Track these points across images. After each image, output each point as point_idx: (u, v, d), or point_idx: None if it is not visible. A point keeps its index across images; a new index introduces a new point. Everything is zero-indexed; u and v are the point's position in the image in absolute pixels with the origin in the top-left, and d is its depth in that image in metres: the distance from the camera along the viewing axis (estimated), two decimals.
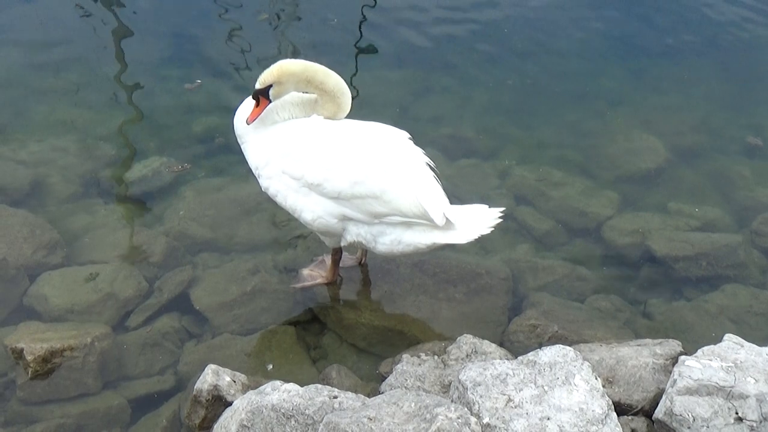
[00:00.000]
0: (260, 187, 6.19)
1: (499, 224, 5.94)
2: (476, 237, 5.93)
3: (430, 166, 6.13)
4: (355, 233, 6.08)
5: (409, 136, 6.20)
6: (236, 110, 6.18)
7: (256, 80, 5.92)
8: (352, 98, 6.11)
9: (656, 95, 9.02)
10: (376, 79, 8.89)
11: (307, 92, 6.09)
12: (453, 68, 9.21)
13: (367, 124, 6.20)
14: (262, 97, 5.97)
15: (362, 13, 9.95)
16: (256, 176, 6.19)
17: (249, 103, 6.06)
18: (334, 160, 5.90)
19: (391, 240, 6.01)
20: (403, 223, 5.94)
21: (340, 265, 6.64)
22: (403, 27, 9.73)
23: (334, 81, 6.04)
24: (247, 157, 6.23)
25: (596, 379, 5.03)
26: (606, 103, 8.87)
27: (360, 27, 9.76)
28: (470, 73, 9.16)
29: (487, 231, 5.94)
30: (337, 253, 6.50)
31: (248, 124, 6.03)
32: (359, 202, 5.91)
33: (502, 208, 6.01)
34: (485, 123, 8.47)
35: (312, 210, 6.00)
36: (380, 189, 5.84)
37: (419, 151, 6.16)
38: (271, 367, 6.02)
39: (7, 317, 6.41)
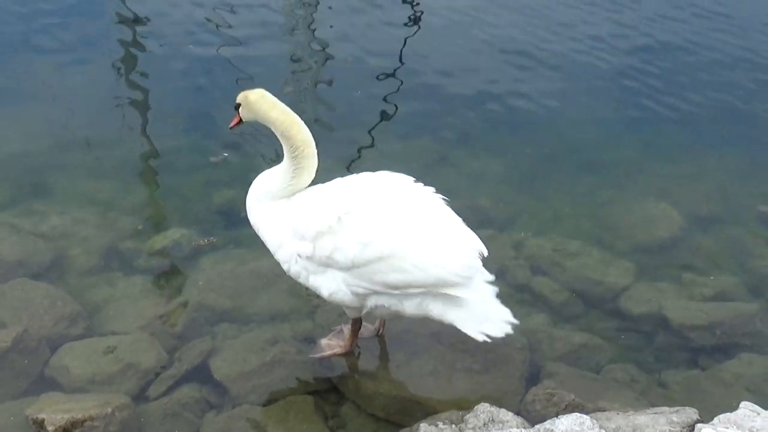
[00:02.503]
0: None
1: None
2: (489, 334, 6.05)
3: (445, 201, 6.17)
4: (374, 302, 6.11)
5: (414, 179, 6.23)
6: (246, 198, 6.34)
7: (279, 152, 6.13)
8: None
9: (670, 164, 9.11)
10: (393, 149, 9.03)
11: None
12: (468, 139, 9.34)
13: (366, 178, 6.23)
14: (237, 111, 6.29)
15: (384, 88, 10.11)
16: (276, 260, 6.30)
17: (255, 187, 6.28)
18: (339, 229, 5.89)
19: (415, 304, 6.02)
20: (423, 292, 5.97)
21: (359, 336, 6.71)
22: (419, 100, 9.89)
23: (303, 136, 6.03)
24: (265, 243, 6.35)
25: None
26: (621, 172, 8.97)
27: (380, 100, 9.92)
28: (485, 143, 9.28)
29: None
30: (357, 323, 6.56)
31: (230, 129, 6.44)
32: (371, 271, 5.91)
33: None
34: (501, 193, 8.55)
35: (328, 287, 6.06)
36: (390, 249, 5.83)
37: (429, 191, 6.19)
38: None
39: (28, 388, 6.49)
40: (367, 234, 5.86)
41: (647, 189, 8.70)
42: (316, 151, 6.10)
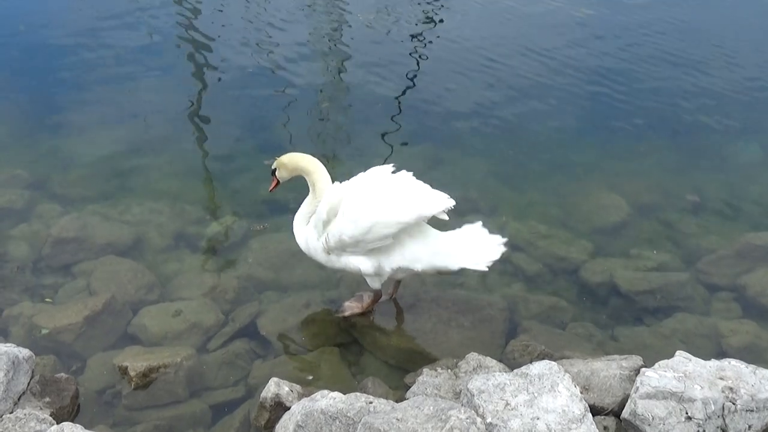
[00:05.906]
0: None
1: (499, 267, 5.94)
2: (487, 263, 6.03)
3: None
4: (397, 261, 6.14)
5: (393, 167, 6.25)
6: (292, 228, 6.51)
7: (309, 161, 6.30)
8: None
9: (620, 163, 9.02)
10: (400, 152, 8.95)
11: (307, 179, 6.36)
12: (461, 144, 9.25)
13: (362, 178, 6.25)
14: (273, 175, 6.50)
15: (394, 105, 10.04)
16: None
17: (295, 227, 6.51)
18: (342, 218, 6.02)
19: (424, 263, 6.12)
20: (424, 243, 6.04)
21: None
22: (422, 115, 9.83)
23: (308, 163, 6.26)
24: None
25: (575, 387, 5.04)
26: (580, 170, 8.88)
27: (390, 115, 9.84)
28: (474, 148, 9.20)
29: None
30: (378, 293, 6.55)
31: (270, 192, 6.73)
32: (369, 236, 6.00)
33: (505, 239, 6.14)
34: (487, 187, 8.49)
35: (355, 264, 6.21)
36: (373, 220, 5.94)
37: (403, 172, 6.20)
38: (311, 377, 6.07)
39: (115, 342, 6.50)
40: (354, 214, 5.96)
41: (601, 183, 8.61)
42: (329, 184, 6.27)
